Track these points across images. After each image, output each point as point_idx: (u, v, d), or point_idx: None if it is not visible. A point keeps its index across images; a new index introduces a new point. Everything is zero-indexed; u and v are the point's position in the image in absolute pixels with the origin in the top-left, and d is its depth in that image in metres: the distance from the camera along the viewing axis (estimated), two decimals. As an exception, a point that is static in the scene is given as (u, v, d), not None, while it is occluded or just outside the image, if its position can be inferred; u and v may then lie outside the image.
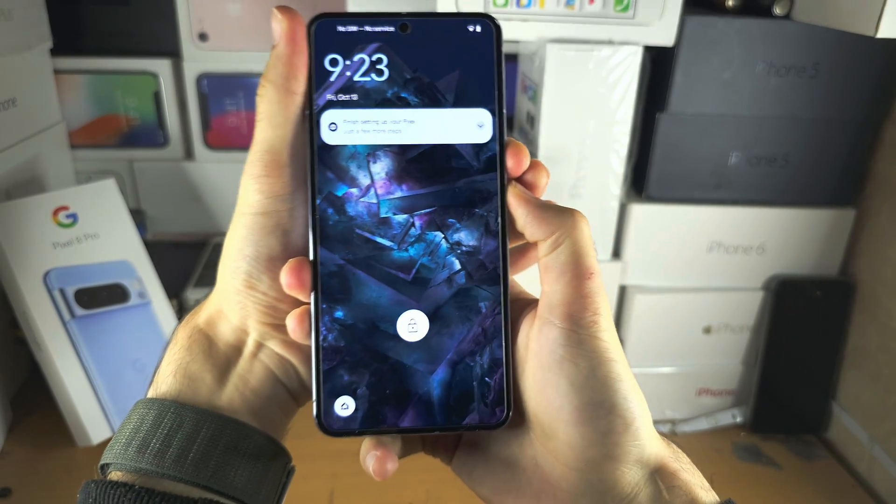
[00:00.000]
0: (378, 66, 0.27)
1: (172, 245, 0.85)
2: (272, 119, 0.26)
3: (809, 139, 0.66)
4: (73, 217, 0.66)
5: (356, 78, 0.27)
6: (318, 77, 0.27)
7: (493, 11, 0.58)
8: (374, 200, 0.27)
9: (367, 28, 0.27)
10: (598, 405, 0.25)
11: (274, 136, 0.26)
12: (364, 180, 0.27)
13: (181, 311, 0.73)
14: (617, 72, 0.60)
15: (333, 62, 0.27)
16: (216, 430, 0.27)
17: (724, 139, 0.66)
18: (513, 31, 0.59)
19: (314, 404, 0.26)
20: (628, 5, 0.58)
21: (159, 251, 0.75)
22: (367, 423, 0.27)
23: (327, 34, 0.27)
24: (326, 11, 0.27)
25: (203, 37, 0.79)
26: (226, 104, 0.82)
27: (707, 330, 0.72)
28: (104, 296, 0.65)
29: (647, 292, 0.70)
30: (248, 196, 0.27)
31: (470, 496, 0.30)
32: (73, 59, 0.78)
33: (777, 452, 0.71)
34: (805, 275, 0.71)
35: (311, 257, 0.27)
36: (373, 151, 0.27)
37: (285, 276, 0.26)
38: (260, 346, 0.29)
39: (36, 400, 0.68)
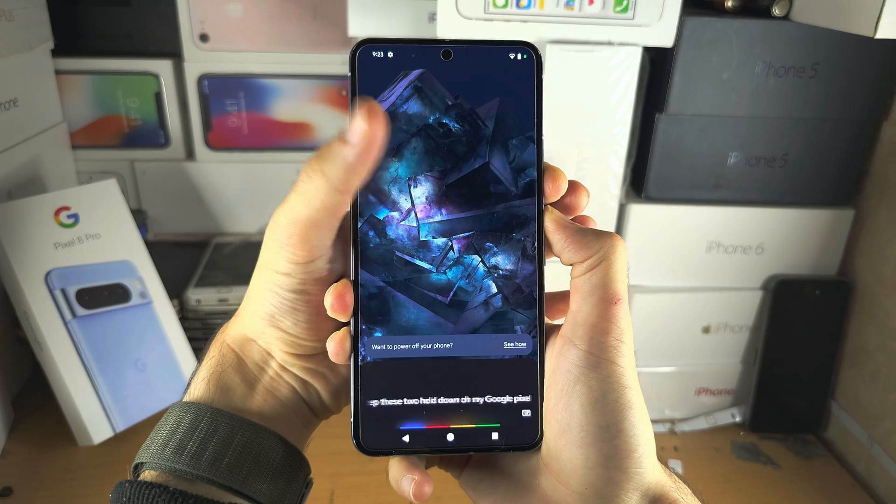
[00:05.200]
0: (421, 92, 0.27)
1: (174, 245, 0.86)
2: (310, 202, 0.25)
3: (808, 139, 0.66)
4: (75, 217, 0.66)
5: (399, 103, 0.27)
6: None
7: (492, 13, 0.58)
8: (414, 224, 0.27)
9: (411, 54, 0.27)
10: (604, 428, 0.25)
11: (307, 216, 0.26)
12: (405, 204, 0.27)
13: (182, 311, 0.73)
14: (616, 72, 0.60)
15: (377, 87, 0.27)
16: (249, 438, 0.27)
17: (722, 139, 0.66)
18: (512, 32, 0.59)
19: (352, 424, 0.27)
20: (627, 6, 0.58)
21: (160, 251, 0.76)
22: (404, 444, 0.27)
23: (372, 60, 0.27)
24: (371, 37, 0.27)
25: (204, 38, 0.79)
26: (227, 105, 0.82)
27: (706, 329, 0.73)
28: (105, 296, 0.66)
29: (647, 292, 0.70)
30: (272, 255, 0.27)
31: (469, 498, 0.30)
32: (74, 59, 0.79)
33: (776, 452, 0.71)
34: (804, 274, 0.71)
35: (352, 279, 0.27)
36: (414, 176, 0.27)
37: (330, 300, 0.27)
38: (284, 368, 0.30)
39: (37, 400, 0.68)
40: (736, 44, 0.62)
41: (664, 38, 0.60)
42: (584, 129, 0.62)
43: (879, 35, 0.48)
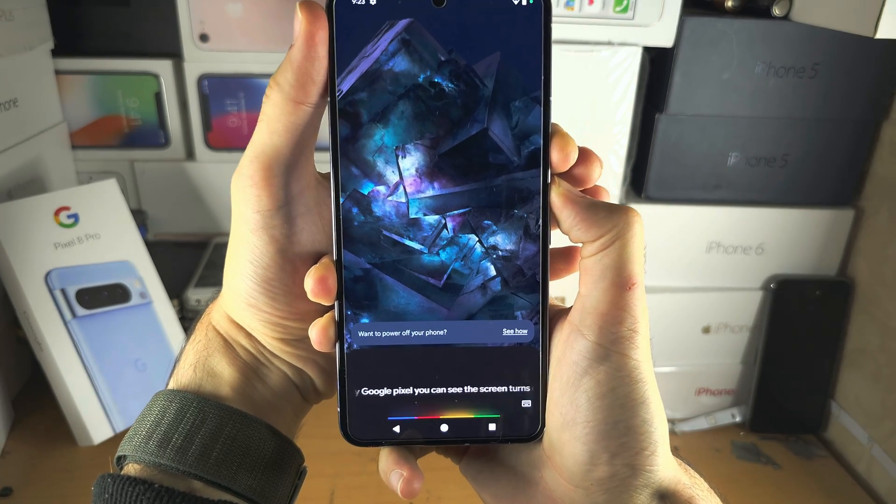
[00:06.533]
0: (409, 46, 0.23)
1: (173, 245, 0.85)
2: (270, 124, 0.24)
3: (808, 139, 0.66)
4: (75, 217, 0.66)
5: (384, 60, 0.24)
6: (341, 59, 0.23)
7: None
8: (403, 199, 0.24)
9: (397, 1, 0.23)
10: (612, 425, 0.23)
11: (269, 143, 0.24)
12: (392, 177, 0.24)
13: (182, 311, 0.73)
14: (616, 72, 0.60)
15: (358, 42, 0.23)
16: (239, 430, 0.26)
17: (723, 139, 0.66)
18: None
19: (339, 414, 0.26)
20: (628, 6, 0.58)
21: (160, 251, 0.76)
22: (394, 434, 0.26)
23: (352, 9, 0.23)
24: None
25: (204, 38, 0.79)
26: (227, 105, 0.82)
27: (706, 330, 0.73)
28: (105, 296, 0.66)
29: (647, 292, 0.70)
30: (240, 207, 0.25)
31: (470, 497, 0.30)
32: (74, 59, 0.79)
33: (776, 452, 0.71)
34: (804, 275, 0.71)
35: (335, 260, 0.25)
36: (402, 145, 0.24)
37: (310, 283, 0.24)
38: (274, 354, 0.28)
39: (37, 399, 0.68)
40: (736, 44, 0.62)
41: (664, 38, 0.60)
42: (585, 129, 0.62)
43: (879, 35, 0.48)
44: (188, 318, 0.73)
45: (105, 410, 0.63)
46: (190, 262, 0.80)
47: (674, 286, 0.71)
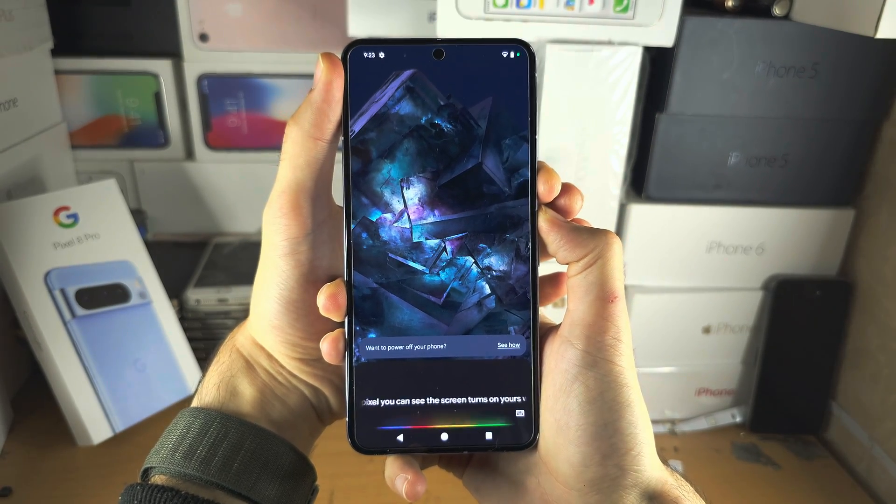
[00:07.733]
0: (412, 93, 0.27)
1: (173, 245, 0.85)
2: (293, 161, 0.27)
3: (809, 139, 0.66)
4: (74, 217, 0.66)
5: (391, 104, 0.27)
6: (353, 103, 0.27)
7: (492, 12, 0.58)
8: (407, 225, 0.27)
9: (403, 54, 0.27)
10: (602, 427, 0.25)
11: (293, 178, 0.27)
12: (397, 206, 0.27)
13: (182, 311, 0.73)
14: (616, 72, 0.60)
15: (369, 88, 0.27)
16: (258, 444, 0.28)
17: (723, 139, 0.66)
18: (512, 32, 0.59)
19: (347, 424, 0.27)
20: (628, 6, 0.58)
21: (160, 251, 0.76)
22: (398, 443, 0.27)
23: (363, 61, 0.27)
24: (363, 38, 0.27)
25: (203, 37, 0.79)
26: (226, 104, 0.82)
27: (706, 330, 0.72)
28: (105, 296, 0.65)
29: (647, 292, 0.70)
30: (271, 237, 0.28)
31: (467, 497, 0.30)
32: (73, 59, 0.79)
33: (776, 452, 0.71)
34: (804, 275, 0.71)
35: (346, 280, 0.27)
36: (406, 177, 0.27)
37: (322, 299, 0.27)
38: (293, 374, 0.30)
39: (37, 400, 0.68)
40: (736, 43, 0.62)
41: (664, 37, 0.60)
42: (584, 129, 0.62)
43: (880, 35, 0.48)
44: (187, 319, 0.73)
45: (104, 410, 0.63)
46: (189, 262, 0.80)
47: (674, 286, 0.71)
